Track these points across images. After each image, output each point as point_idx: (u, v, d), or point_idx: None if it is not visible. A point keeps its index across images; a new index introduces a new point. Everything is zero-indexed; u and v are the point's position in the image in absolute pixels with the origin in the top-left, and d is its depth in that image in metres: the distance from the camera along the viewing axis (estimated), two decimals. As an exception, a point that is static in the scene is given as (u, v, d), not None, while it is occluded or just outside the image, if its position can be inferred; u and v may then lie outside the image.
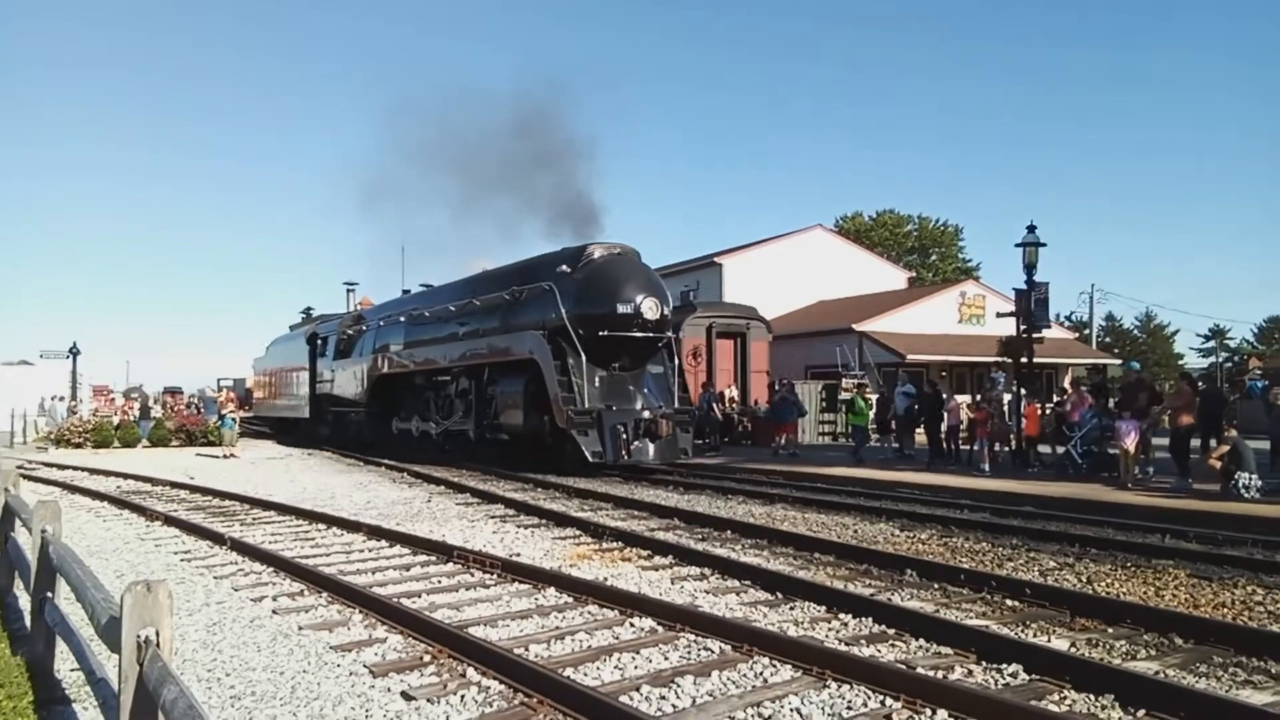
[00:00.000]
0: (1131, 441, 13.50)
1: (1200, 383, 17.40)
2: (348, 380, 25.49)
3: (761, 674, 4.93)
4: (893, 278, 44.60)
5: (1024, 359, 18.09)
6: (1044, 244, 17.76)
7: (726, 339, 25.47)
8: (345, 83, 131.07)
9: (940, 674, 4.87)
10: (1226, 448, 12.20)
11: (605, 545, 9.19)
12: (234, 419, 24.85)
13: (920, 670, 4.85)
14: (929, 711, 4.28)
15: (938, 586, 7.12)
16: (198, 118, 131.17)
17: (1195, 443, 14.31)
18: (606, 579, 7.37)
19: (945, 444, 18.49)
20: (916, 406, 19.23)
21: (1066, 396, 18.03)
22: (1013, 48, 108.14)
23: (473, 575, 7.69)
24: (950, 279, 53.67)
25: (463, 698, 4.60)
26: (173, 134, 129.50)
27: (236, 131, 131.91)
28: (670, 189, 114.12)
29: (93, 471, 18.40)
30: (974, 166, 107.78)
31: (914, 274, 52.51)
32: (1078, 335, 45.83)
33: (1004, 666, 4.96)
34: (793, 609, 6.47)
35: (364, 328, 25.55)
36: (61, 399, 34.26)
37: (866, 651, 5.34)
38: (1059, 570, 7.85)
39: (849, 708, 4.42)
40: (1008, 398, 17.38)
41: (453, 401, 20.19)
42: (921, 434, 19.91)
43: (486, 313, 19.03)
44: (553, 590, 6.98)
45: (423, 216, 58.90)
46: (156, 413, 32.59)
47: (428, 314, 21.55)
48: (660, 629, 5.84)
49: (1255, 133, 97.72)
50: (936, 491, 13.56)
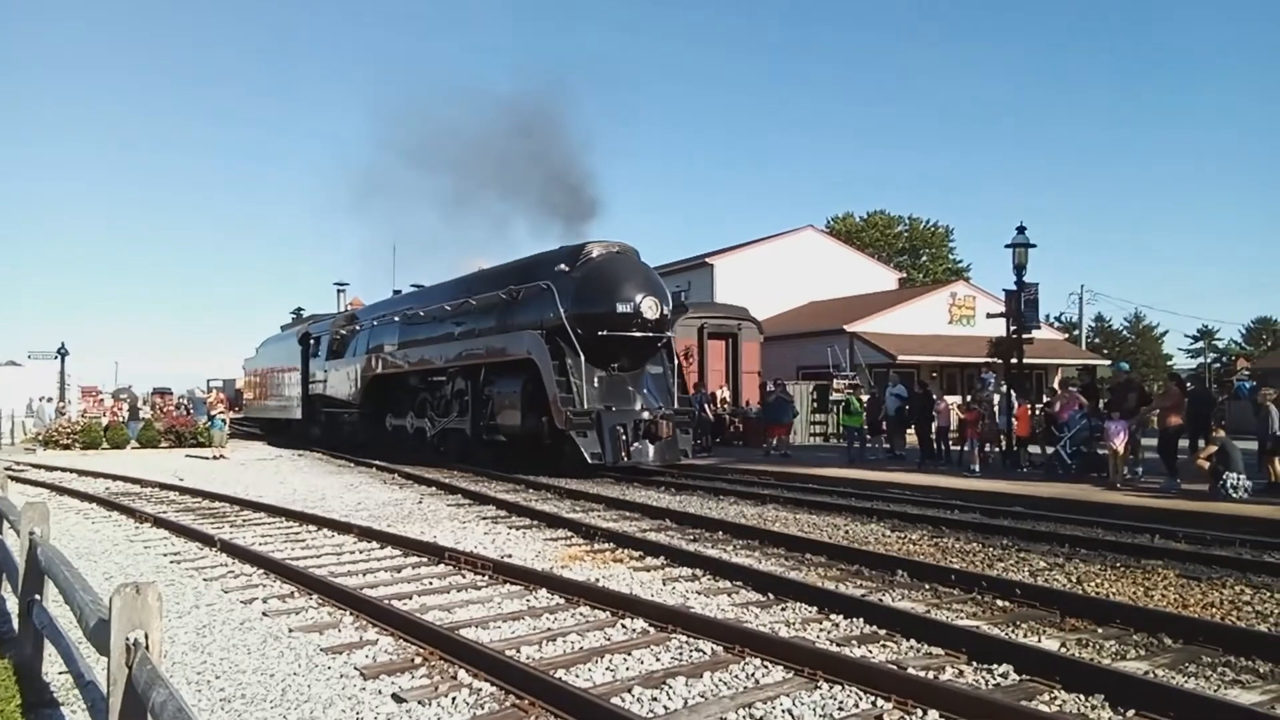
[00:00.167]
0: (1121, 442, 13.58)
1: (1188, 383, 17.48)
2: (341, 381, 25.27)
3: (753, 675, 4.94)
4: (883, 278, 44.73)
5: (1014, 360, 18.18)
6: (1034, 245, 17.85)
7: (718, 339, 25.51)
8: (338, 82, 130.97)
9: (931, 674, 4.88)
10: (1214, 448, 12.28)
11: (597, 546, 9.19)
12: (224, 420, 24.73)
13: (911, 671, 4.87)
14: (920, 712, 4.29)
15: (929, 587, 7.14)
16: (188, 117, 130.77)
17: (1184, 443, 14.37)
18: (598, 580, 7.37)
19: (935, 445, 18.56)
20: (907, 407, 19.30)
21: (1056, 397, 18.10)
22: (1004, 50, 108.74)
23: (464, 577, 7.67)
24: (941, 280, 53.87)
25: (454, 700, 4.59)
26: (163, 133, 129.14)
27: (226, 131, 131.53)
28: (661, 189, 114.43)
29: (81, 473, 18.30)
30: (965, 168, 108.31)
31: (905, 275, 52.70)
32: (1067, 336, 46.06)
33: (995, 667, 4.97)
34: (784, 610, 6.48)
35: (358, 328, 25.35)
36: (49, 400, 34.08)
37: (858, 652, 5.35)
38: (1049, 570, 7.88)
39: (840, 708, 4.43)
40: (997, 398, 17.45)
41: (449, 402, 20.03)
42: (912, 435, 19.98)
43: (483, 312, 18.84)
44: (544, 591, 6.97)
45: (414, 216, 58.92)
46: (145, 414, 32.41)
47: (423, 313, 21.32)
48: (652, 630, 5.84)
49: (1245, 134, 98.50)
50: (927, 492, 13.59)
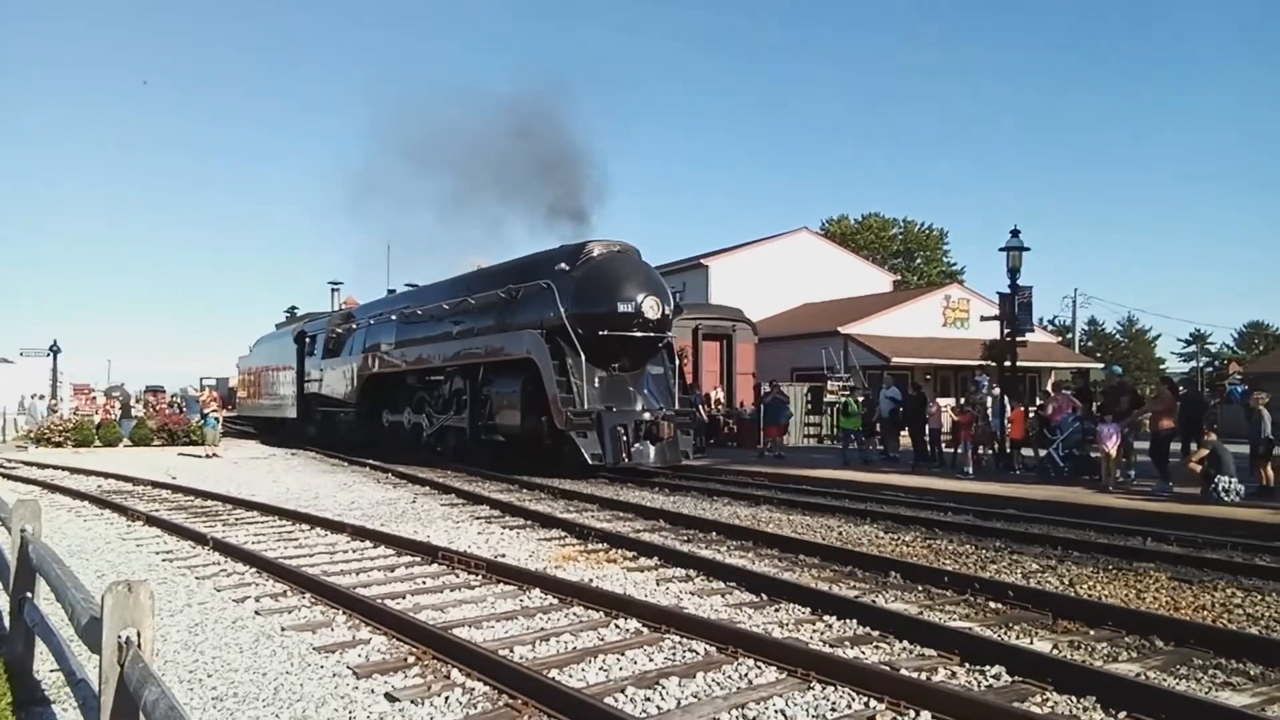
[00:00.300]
0: (1113, 445, 13.62)
1: (1181, 387, 17.52)
2: (337, 380, 25.10)
3: (746, 675, 4.94)
4: (878, 281, 44.82)
5: (1007, 362, 18.23)
6: (1028, 248, 17.93)
7: (712, 341, 25.53)
8: (336, 81, 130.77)
9: (924, 675, 4.89)
10: (1206, 451, 12.32)
11: (591, 546, 9.19)
12: (217, 418, 24.66)
13: (904, 672, 4.87)
14: (913, 713, 4.30)
15: (921, 588, 7.15)
16: (184, 115, 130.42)
17: (1175, 446, 14.43)
18: (592, 580, 7.36)
19: (929, 447, 18.59)
20: (901, 410, 19.33)
21: (1049, 400, 18.15)
22: (1000, 53, 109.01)
23: (457, 576, 7.67)
24: (935, 282, 53.96)
25: (447, 699, 4.58)
26: (158, 132, 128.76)
27: (221, 130, 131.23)
28: (656, 191, 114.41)
29: (73, 471, 18.22)
30: (960, 171, 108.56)
31: (899, 277, 52.80)
32: (1060, 339, 46.19)
33: (987, 668, 4.98)
34: (778, 610, 6.48)
35: (354, 326, 25.18)
36: (42, 397, 34.03)
37: (851, 653, 5.36)
38: (1042, 572, 7.90)
39: (833, 709, 4.44)
40: (990, 401, 17.48)
41: (446, 401, 19.88)
42: (906, 437, 20.02)
43: (482, 311, 18.70)
44: (538, 591, 6.96)
45: (410, 216, 58.86)
46: (138, 412, 32.32)
47: (420, 312, 21.14)
48: (645, 630, 5.84)
49: (1239, 137, 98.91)
50: (920, 494, 13.62)
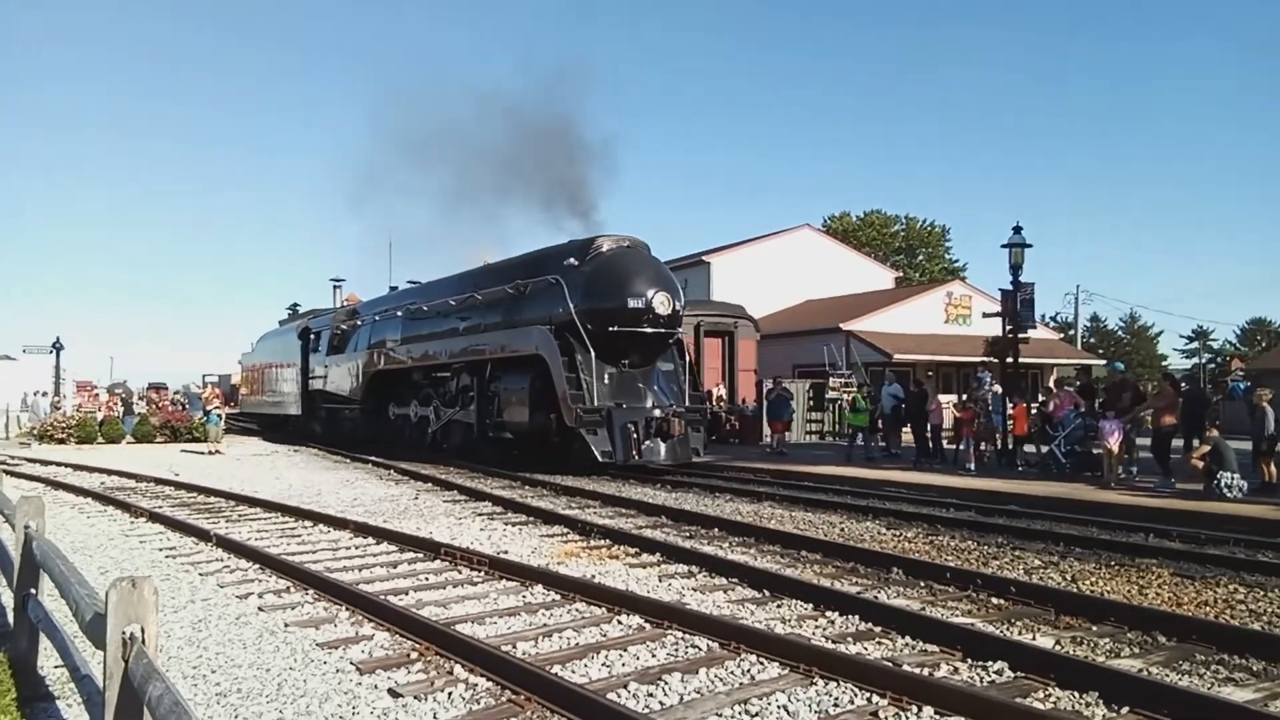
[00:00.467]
0: (1115, 441, 13.61)
1: (1183, 383, 17.51)
2: (342, 376, 24.97)
3: (749, 671, 4.94)
4: (880, 277, 44.81)
5: (1009, 359, 18.21)
6: (1030, 245, 17.87)
7: (714, 338, 25.51)
8: (338, 76, 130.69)
9: (926, 671, 4.89)
10: (1207, 448, 12.32)
11: (593, 543, 9.19)
12: (219, 415, 24.67)
13: (906, 668, 4.88)
14: (915, 708, 4.30)
15: (924, 584, 7.15)
16: (184, 109, 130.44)
17: (1178, 443, 14.41)
18: (594, 576, 7.37)
19: (930, 443, 18.59)
20: (903, 406, 19.32)
21: (1051, 396, 18.14)
22: (1002, 48, 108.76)
23: (460, 572, 7.67)
24: (937, 279, 53.97)
25: (450, 695, 4.59)
26: (161, 127, 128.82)
27: (224, 124, 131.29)
28: (658, 187, 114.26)
29: (76, 467, 18.25)
30: (962, 167, 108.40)
31: (901, 274, 52.78)
32: (1063, 336, 46.17)
33: (989, 664, 4.99)
34: (780, 607, 6.49)
35: (359, 322, 25.05)
36: (44, 394, 34.05)
37: (853, 649, 5.37)
38: (1044, 569, 7.90)
39: (836, 705, 4.44)
40: (991, 397, 17.47)
41: (453, 398, 19.79)
42: (908, 433, 20.01)
43: (489, 307, 18.57)
44: (540, 588, 6.97)
45: (412, 212, 58.82)
46: (140, 409, 32.35)
47: (426, 308, 21.01)
48: (648, 626, 5.85)
49: (1241, 134, 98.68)
50: (923, 490, 13.62)
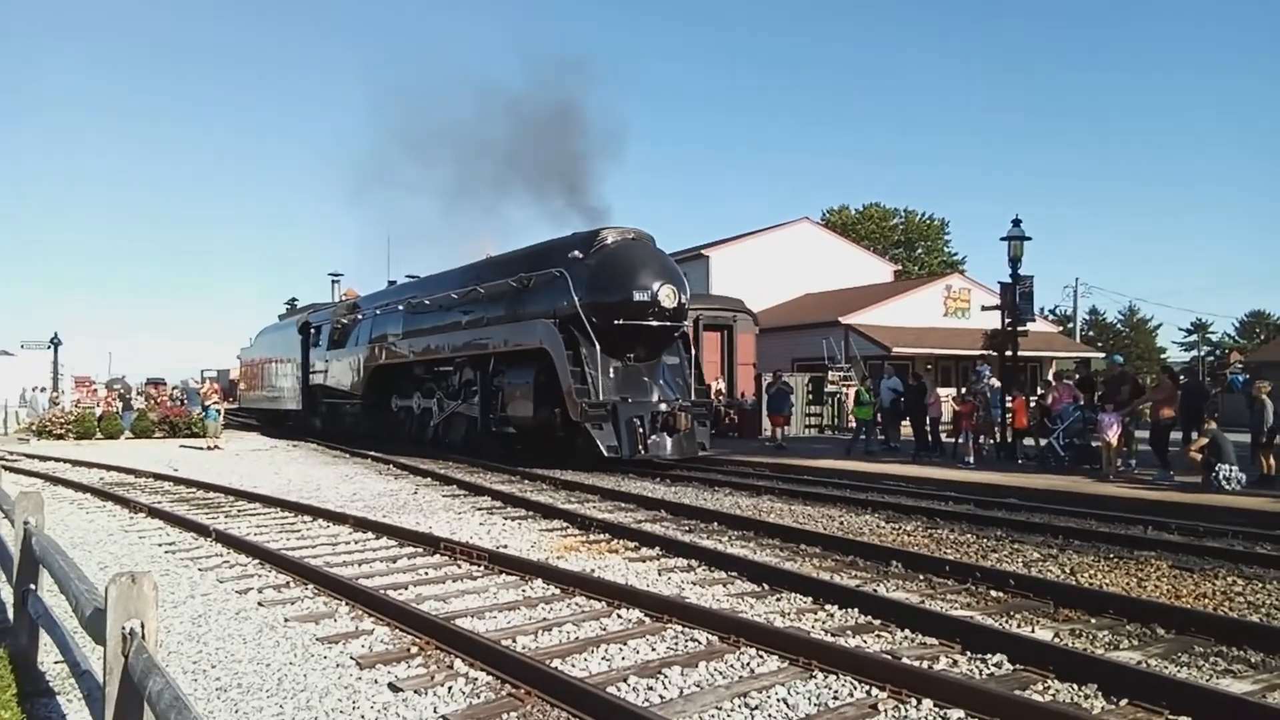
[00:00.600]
0: (1114, 434, 13.63)
1: (1182, 376, 17.52)
2: (343, 371, 24.78)
3: (748, 664, 4.95)
4: (879, 271, 44.77)
5: (1009, 352, 18.22)
6: (1029, 238, 17.86)
7: (713, 331, 25.47)
8: (336, 69, 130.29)
9: (925, 664, 4.91)
10: (1205, 440, 12.33)
11: (592, 537, 9.20)
12: (218, 410, 24.65)
13: (906, 660, 4.89)
14: (914, 701, 4.31)
15: (923, 578, 7.17)
16: (181, 102, 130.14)
17: (1177, 435, 14.42)
18: (594, 571, 7.38)
19: (929, 437, 18.61)
20: (902, 400, 19.34)
21: (1049, 389, 18.14)
22: (1000, 41, 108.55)
23: (460, 567, 7.68)
24: (936, 272, 53.89)
25: (450, 689, 4.60)
26: (158, 120, 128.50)
27: (222, 117, 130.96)
28: (656, 181, 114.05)
29: (75, 463, 18.25)
30: (961, 160, 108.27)
31: (900, 267, 52.77)
32: (1062, 329, 46.17)
33: (989, 656, 5.00)
34: (779, 600, 6.50)
35: (360, 316, 24.84)
36: (43, 390, 34.01)
37: (852, 642, 5.38)
38: (1043, 561, 7.91)
39: (835, 697, 4.45)
40: (989, 390, 17.47)
41: (456, 392, 19.69)
42: (907, 426, 20.04)
43: (492, 300, 18.40)
44: (540, 582, 6.98)
45: (410, 206, 58.55)
46: (139, 404, 32.34)
47: (428, 302, 20.85)
48: (647, 620, 5.86)
49: (1241, 126, 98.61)
50: (922, 484, 13.63)
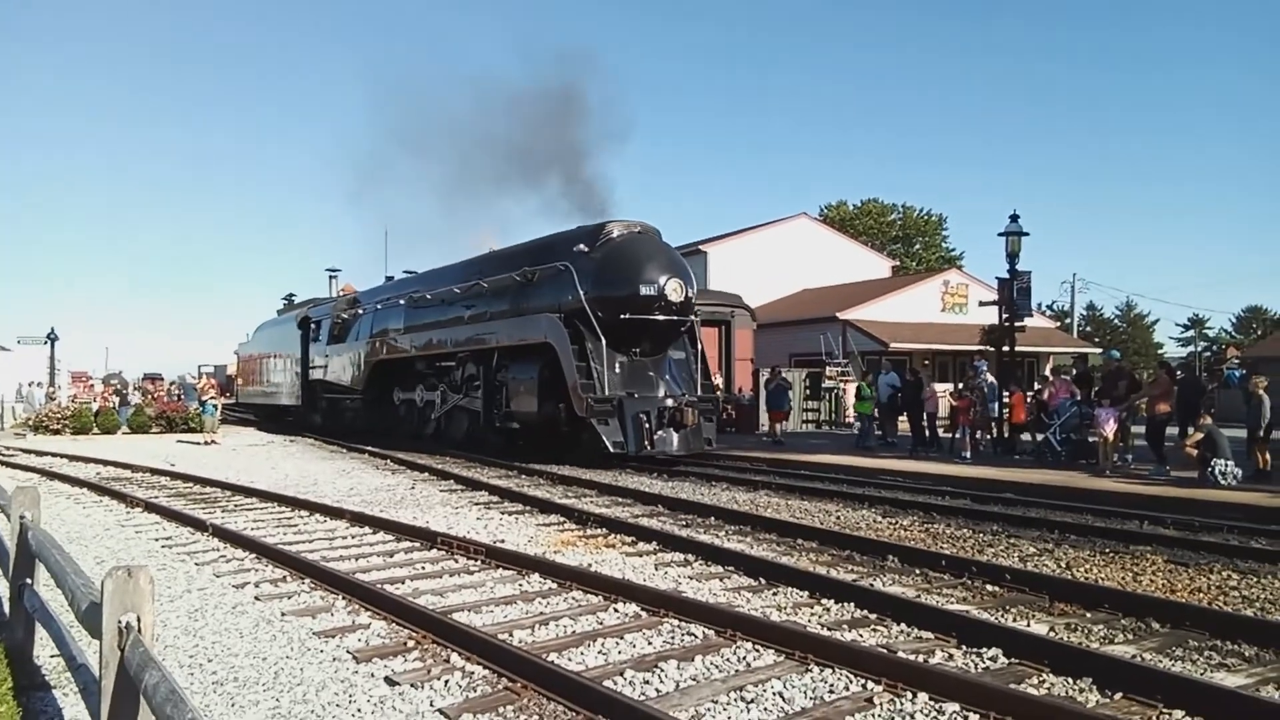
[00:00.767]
0: (1110, 429, 13.66)
1: (1178, 371, 17.56)
2: (343, 366, 24.63)
3: (745, 658, 4.96)
4: (877, 266, 44.80)
5: (1006, 347, 18.24)
6: (1027, 233, 17.91)
7: (710, 327, 25.43)
8: (334, 64, 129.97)
9: (921, 658, 4.92)
10: (1201, 435, 12.36)
11: (589, 532, 9.21)
12: (215, 405, 24.62)
13: (901, 654, 4.90)
14: (910, 694, 4.32)
15: (919, 572, 7.18)
16: (178, 98, 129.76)
17: (1173, 431, 14.45)
18: (590, 565, 7.39)
19: (926, 432, 18.63)
20: (900, 395, 19.35)
21: (1046, 384, 18.18)
22: (997, 38, 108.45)
23: (456, 561, 7.69)
24: (934, 268, 53.93)
25: (446, 683, 4.60)
26: (153, 115, 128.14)
27: (219, 113, 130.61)
28: (654, 177, 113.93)
29: (72, 458, 18.24)
30: (959, 156, 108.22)
31: (898, 263, 52.77)
32: (1059, 324, 46.22)
33: (984, 650, 5.01)
34: (776, 594, 6.51)
35: (360, 311, 24.74)
36: (39, 385, 33.98)
37: (849, 636, 5.39)
38: (1038, 556, 7.93)
39: (831, 691, 4.46)
40: (986, 386, 17.50)
41: (458, 387, 19.59)
42: (904, 422, 20.05)
43: (495, 295, 18.29)
44: (537, 576, 6.99)
45: (409, 202, 58.53)
46: (135, 399, 32.30)
47: (430, 296, 20.71)
48: (644, 614, 5.87)
49: (1237, 122, 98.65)
50: (918, 479, 13.66)
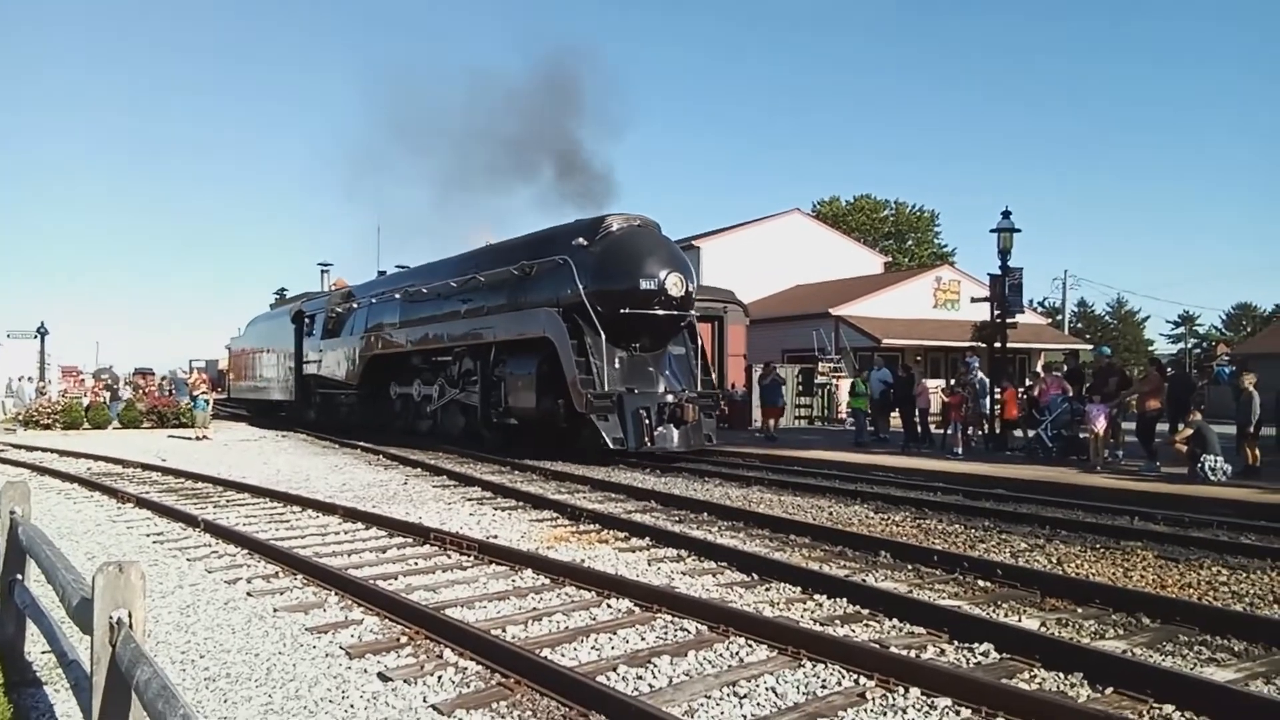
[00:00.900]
0: (1101, 425, 13.71)
1: (1169, 368, 17.65)
2: (338, 361, 24.47)
3: (737, 654, 4.97)
4: (869, 262, 44.80)
5: (998, 344, 18.29)
6: (1019, 230, 17.94)
7: (703, 322, 25.29)
8: (327, 58, 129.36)
9: (913, 653, 4.94)
10: (1191, 431, 12.43)
11: (582, 527, 9.21)
12: (206, 400, 24.52)
13: (893, 649, 4.91)
14: (902, 690, 4.34)
15: (911, 568, 7.21)
16: (171, 92, 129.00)
17: (1164, 427, 14.52)
18: (584, 560, 7.39)
19: (918, 428, 18.70)
20: (892, 391, 19.41)
21: (1038, 381, 18.25)
22: (990, 34, 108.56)
23: (450, 557, 7.68)
24: (926, 264, 53.99)
25: (439, 678, 4.60)
26: (145, 108, 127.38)
27: (211, 107, 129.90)
28: (646, 172, 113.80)
29: (62, 453, 18.14)
30: (951, 153, 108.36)
31: (890, 259, 52.78)
32: (1051, 321, 46.38)
33: (976, 646, 5.03)
34: (769, 590, 6.52)
35: (355, 305, 24.58)
36: (29, 379, 33.79)
37: (841, 631, 5.41)
38: (1030, 551, 7.96)
39: (823, 686, 4.47)
40: (977, 382, 17.55)
41: (454, 383, 19.50)
42: (896, 418, 20.12)
43: (493, 289, 18.15)
44: (530, 572, 6.98)
45: (401, 196, 58.40)
46: (127, 394, 32.15)
47: (426, 290, 20.60)
48: (637, 610, 5.87)
49: (1228, 120, 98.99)
50: (910, 474, 13.70)
